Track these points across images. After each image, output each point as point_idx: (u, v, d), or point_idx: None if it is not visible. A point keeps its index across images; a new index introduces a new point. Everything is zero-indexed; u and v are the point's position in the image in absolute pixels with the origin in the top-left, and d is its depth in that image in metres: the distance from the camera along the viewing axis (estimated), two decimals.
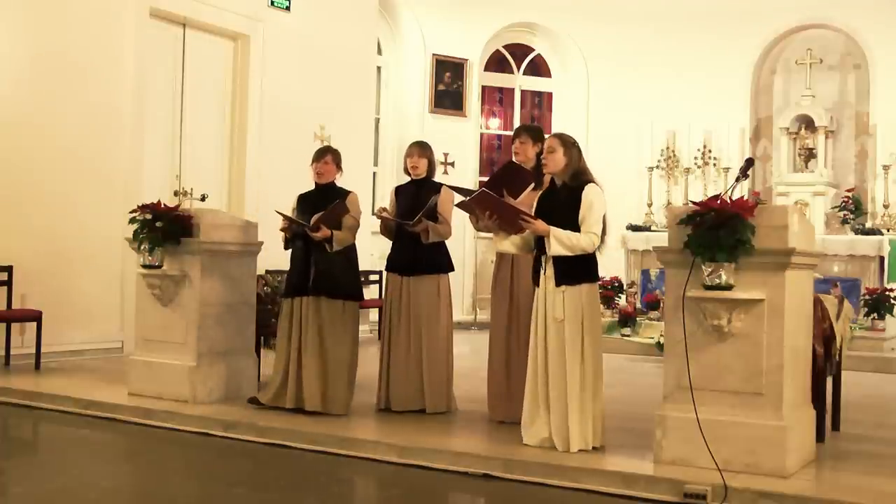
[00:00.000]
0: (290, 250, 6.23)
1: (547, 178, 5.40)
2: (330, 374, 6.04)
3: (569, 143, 5.18)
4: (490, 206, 5.19)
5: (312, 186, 6.28)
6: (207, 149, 9.69)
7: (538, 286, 5.17)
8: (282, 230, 6.16)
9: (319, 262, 6.03)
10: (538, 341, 5.13)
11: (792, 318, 4.67)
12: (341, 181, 6.35)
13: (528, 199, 5.47)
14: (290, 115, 10.10)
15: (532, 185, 5.63)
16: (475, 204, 5.27)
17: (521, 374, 5.38)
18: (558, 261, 5.05)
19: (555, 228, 5.01)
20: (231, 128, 9.93)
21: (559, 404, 5.04)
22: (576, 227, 5.02)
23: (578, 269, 5.06)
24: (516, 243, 5.26)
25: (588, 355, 5.06)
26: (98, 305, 8.44)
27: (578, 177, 5.14)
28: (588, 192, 5.07)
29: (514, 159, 5.94)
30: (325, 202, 6.03)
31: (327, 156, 6.22)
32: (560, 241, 4.97)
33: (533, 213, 5.16)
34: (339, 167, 6.27)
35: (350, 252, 6.15)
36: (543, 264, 5.12)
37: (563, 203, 5.13)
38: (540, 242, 5.13)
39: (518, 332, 5.70)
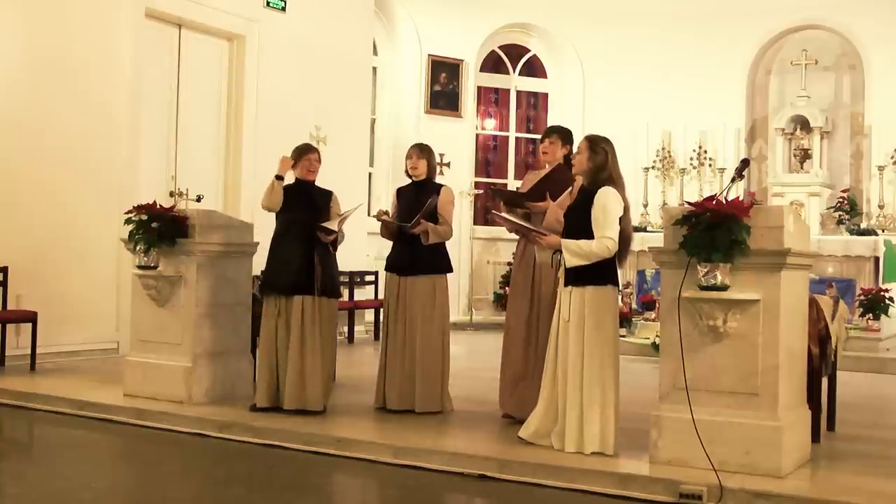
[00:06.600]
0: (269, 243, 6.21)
1: (578, 180, 5.40)
2: (326, 372, 6.13)
3: (596, 146, 5.09)
4: (507, 225, 5.50)
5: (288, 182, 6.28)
6: (203, 149, 9.68)
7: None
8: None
9: (324, 263, 6.09)
10: (552, 341, 5.15)
11: (787, 319, 4.68)
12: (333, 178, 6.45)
13: (565, 202, 5.46)
14: (286, 115, 10.09)
15: (570, 188, 5.62)
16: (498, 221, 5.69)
17: (537, 374, 5.43)
18: None
19: (566, 241, 4.99)
20: (227, 128, 9.91)
21: (563, 404, 5.05)
22: (589, 231, 4.99)
23: (585, 271, 5.00)
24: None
25: (592, 359, 4.98)
26: (94, 306, 8.43)
27: (597, 181, 5.06)
28: (600, 196, 4.99)
29: (541, 159, 6.05)
30: (312, 200, 6.16)
31: (317, 152, 6.31)
32: (573, 253, 4.95)
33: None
34: None
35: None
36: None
37: (578, 206, 5.13)
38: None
39: (538, 332, 5.71)
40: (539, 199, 5.75)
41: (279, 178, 6.09)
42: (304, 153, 6.24)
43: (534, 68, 13.68)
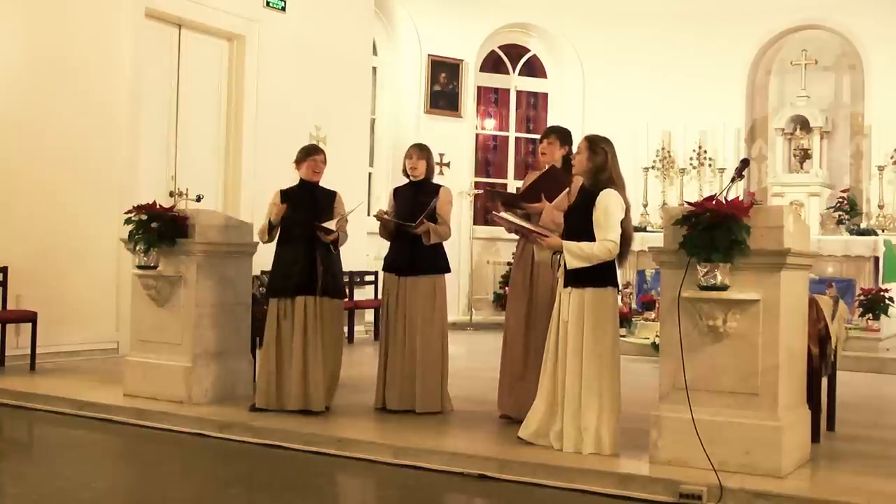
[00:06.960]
0: (275, 246, 6.21)
1: (577, 181, 5.39)
2: (332, 372, 6.14)
3: (596, 146, 5.08)
4: (506, 225, 5.43)
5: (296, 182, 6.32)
6: (203, 149, 9.69)
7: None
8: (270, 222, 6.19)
9: (326, 263, 6.09)
10: (551, 341, 5.15)
11: (787, 319, 4.68)
12: (333, 178, 6.46)
13: (562, 203, 5.47)
14: (286, 115, 10.09)
15: (567, 189, 5.61)
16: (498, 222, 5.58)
17: (534, 374, 5.42)
18: None
19: (567, 242, 4.98)
20: (226, 128, 9.92)
21: (562, 405, 5.04)
22: (590, 232, 4.98)
23: (584, 272, 4.99)
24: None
25: (590, 360, 4.97)
26: (93, 306, 8.43)
27: (598, 181, 5.06)
28: (602, 198, 4.98)
29: (540, 160, 6.03)
30: (315, 200, 6.15)
31: (323, 154, 6.29)
32: (574, 255, 4.94)
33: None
34: None
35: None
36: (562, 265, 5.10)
37: (578, 207, 5.12)
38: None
39: (535, 332, 5.71)
40: (534, 199, 5.72)
41: (272, 224, 6.17)
42: (310, 154, 6.25)
43: (534, 68, 13.68)
